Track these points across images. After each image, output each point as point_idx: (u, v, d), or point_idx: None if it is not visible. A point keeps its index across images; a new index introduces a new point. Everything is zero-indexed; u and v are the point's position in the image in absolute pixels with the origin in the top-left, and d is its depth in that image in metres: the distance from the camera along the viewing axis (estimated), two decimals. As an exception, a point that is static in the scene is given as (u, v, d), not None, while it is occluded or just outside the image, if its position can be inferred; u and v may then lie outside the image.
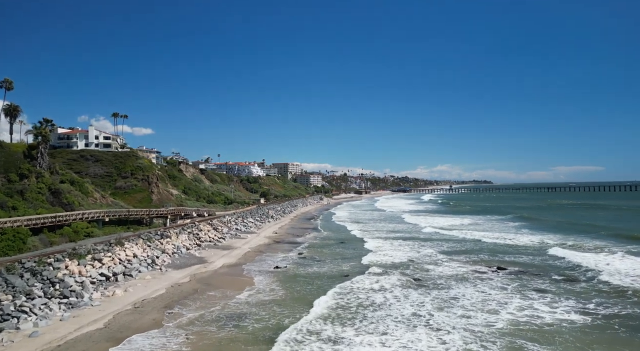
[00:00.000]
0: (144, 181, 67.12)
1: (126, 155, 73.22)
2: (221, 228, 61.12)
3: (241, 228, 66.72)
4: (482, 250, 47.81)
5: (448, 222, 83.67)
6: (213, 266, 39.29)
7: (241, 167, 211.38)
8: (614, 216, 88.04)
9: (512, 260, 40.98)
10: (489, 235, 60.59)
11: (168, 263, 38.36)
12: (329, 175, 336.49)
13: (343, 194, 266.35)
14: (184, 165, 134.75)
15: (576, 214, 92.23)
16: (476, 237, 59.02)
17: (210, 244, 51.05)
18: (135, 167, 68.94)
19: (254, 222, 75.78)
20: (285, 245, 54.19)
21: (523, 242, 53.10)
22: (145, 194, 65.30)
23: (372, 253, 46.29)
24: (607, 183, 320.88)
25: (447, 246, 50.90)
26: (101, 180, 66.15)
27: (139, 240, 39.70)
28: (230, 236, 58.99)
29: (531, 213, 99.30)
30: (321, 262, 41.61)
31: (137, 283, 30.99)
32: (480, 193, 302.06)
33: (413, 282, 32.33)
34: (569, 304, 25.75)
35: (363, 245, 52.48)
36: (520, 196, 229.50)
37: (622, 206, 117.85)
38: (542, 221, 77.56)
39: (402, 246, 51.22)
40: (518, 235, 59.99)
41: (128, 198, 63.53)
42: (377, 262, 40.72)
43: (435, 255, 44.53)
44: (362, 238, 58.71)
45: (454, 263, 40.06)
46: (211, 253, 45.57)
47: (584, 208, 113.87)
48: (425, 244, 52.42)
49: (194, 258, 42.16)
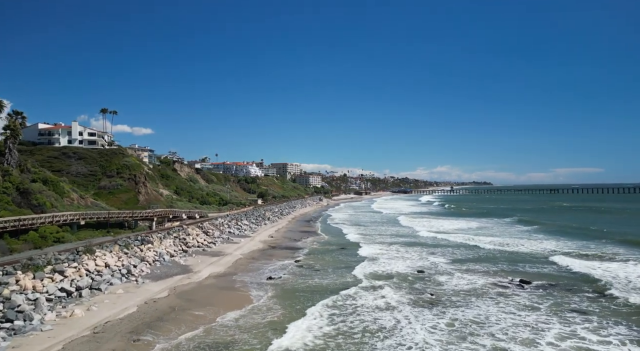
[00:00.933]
0: (130, 180, 62.58)
1: (112, 152, 68.61)
2: (212, 231, 56.63)
3: (234, 232, 62.23)
4: (497, 258, 43.44)
5: (454, 225, 79.35)
6: (198, 277, 34.81)
7: (239, 167, 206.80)
8: (621, 220, 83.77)
9: (534, 271, 36.58)
10: (500, 240, 56.22)
11: (146, 273, 33.86)
12: (329, 176, 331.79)
13: (343, 195, 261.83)
14: (179, 164, 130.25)
15: (583, 218, 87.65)
16: (486, 242, 54.69)
17: (199, 250, 46.57)
18: (122, 165, 64.38)
19: (248, 224, 71.29)
20: (281, 251, 49.74)
21: (538, 248, 48.77)
22: (132, 194, 60.79)
23: (376, 261, 41.89)
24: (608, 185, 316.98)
25: (458, 253, 46.51)
26: (84, 180, 61.64)
27: (114, 247, 35.20)
28: (222, 240, 54.51)
29: (538, 216, 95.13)
30: (321, 272, 37.18)
31: (105, 299, 26.50)
32: (481, 195, 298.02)
33: (425, 299, 27.96)
34: (620, 331, 21.31)
35: (366, 251, 48.07)
36: (522, 198, 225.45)
37: (625, 209, 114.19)
38: (551, 225, 72.84)
39: (409, 253, 46.79)
40: (531, 241, 55.71)
41: (112, 199, 59.02)
42: (383, 273, 36.34)
43: (446, 264, 40.15)
44: (365, 244, 54.31)
45: (468, 275, 35.70)
46: (198, 261, 41.08)
47: (589, 212, 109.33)
48: (433, 251, 48.01)
49: (178, 267, 37.66)
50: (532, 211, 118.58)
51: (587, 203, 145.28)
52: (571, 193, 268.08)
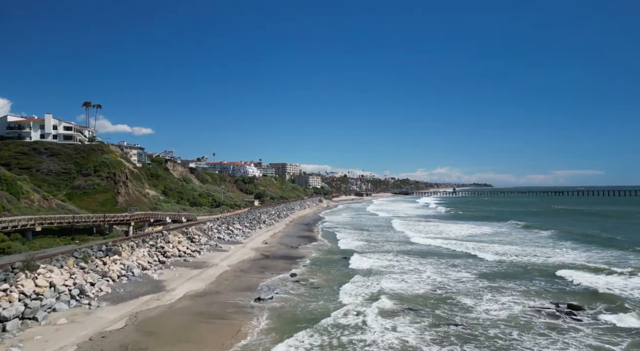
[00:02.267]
0: (109, 180, 56.23)
1: (90, 149, 62.16)
2: (198, 238, 50.24)
3: (224, 237, 55.83)
4: (528, 272, 37.10)
5: (465, 230, 72.94)
6: (171, 297, 28.45)
7: (236, 167, 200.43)
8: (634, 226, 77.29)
9: (582, 292, 30.20)
10: (520, 250, 49.86)
11: (105, 293, 27.47)
12: (329, 177, 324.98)
13: (343, 196, 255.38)
14: (172, 163, 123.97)
15: (601, 224, 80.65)
16: (507, 252, 48.40)
17: (179, 260, 40.18)
18: (100, 163, 58.00)
19: (241, 228, 64.89)
20: (275, 261, 43.36)
21: (567, 260, 42.41)
22: (110, 195, 54.47)
23: (387, 276, 35.55)
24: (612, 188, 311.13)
25: (482, 266, 40.14)
26: (55, 178, 55.27)
27: (68, 260, 28.82)
28: (209, 248, 48.13)
29: (550, 221, 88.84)
30: (321, 291, 30.84)
31: (37, 335, 20.17)
32: (484, 197, 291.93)
33: (452, 332, 21.67)
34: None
35: (374, 262, 41.71)
36: (527, 200, 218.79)
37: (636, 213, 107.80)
38: (569, 232, 64.98)
39: (424, 265, 40.42)
40: (555, 250, 49.41)
41: (87, 200, 52.70)
42: (397, 292, 30.00)
43: (469, 281, 33.81)
44: (371, 253, 47.97)
45: (499, 295, 29.42)
46: (175, 275, 34.70)
47: (604, 217, 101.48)
48: (450, 263, 41.64)
49: (148, 284, 31.26)
50: (542, 214, 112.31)
51: (597, 207, 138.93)
52: (575, 196, 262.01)
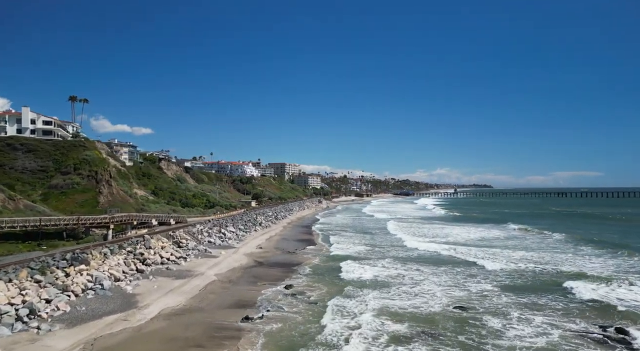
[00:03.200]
0: (90, 178, 51.72)
1: (71, 145, 57.60)
2: (186, 242, 45.73)
3: (215, 242, 51.30)
4: (555, 284, 32.63)
5: (473, 233, 68.44)
6: (142, 316, 23.96)
7: (234, 166, 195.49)
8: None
9: (626, 310, 25.71)
10: (541, 257, 45.46)
11: (62, 312, 22.97)
12: (329, 177, 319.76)
13: (343, 197, 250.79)
14: (166, 162, 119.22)
15: (613, 228, 76.09)
16: (526, 258, 44.19)
17: (161, 269, 35.68)
18: (80, 160, 53.47)
19: (235, 231, 60.36)
20: (269, 270, 38.90)
21: (607, 272, 37.88)
22: (90, 195, 50.02)
23: (396, 288, 31.14)
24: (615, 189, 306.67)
25: (502, 276, 35.68)
26: (31, 177, 50.78)
27: (21, 272, 24.34)
28: (197, 253, 43.64)
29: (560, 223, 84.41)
30: (321, 308, 26.37)
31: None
32: (485, 198, 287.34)
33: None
34: None
35: (380, 272, 37.26)
36: (530, 201, 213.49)
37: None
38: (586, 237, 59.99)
39: (437, 275, 35.93)
40: (578, 258, 45.19)
41: (65, 200, 48.24)
42: (409, 311, 25.57)
43: (493, 295, 29.40)
44: (376, 260, 43.53)
45: (532, 314, 25.06)
46: (153, 287, 30.22)
47: (613, 220, 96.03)
48: (469, 272, 37.16)
49: (119, 299, 26.75)
50: (547, 216, 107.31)
51: (602, 209, 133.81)
52: (578, 197, 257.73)
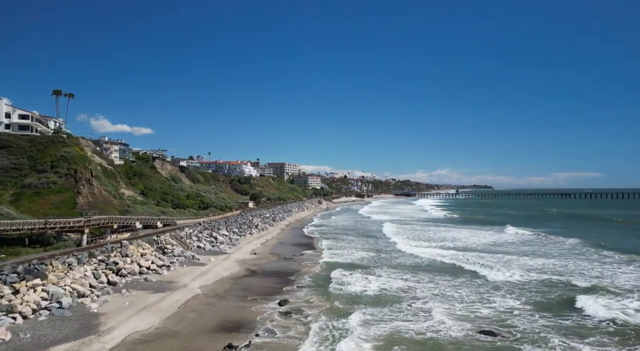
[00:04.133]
0: (68, 177, 47.31)
1: (49, 141, 53.14)
2: (171, 248, 41.24)
3: (205, 247, 46.81)
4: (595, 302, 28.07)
5: (482, 237, 63.96)
6: (99, 347, 19.49)
7: (232, 166, 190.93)
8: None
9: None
10: (565, 265, 41.06)
11: (1, 342, 18.48)
12: (329, 177, 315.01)
13: (344, 197, 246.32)
14: (160, 161, 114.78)
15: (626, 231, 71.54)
16: (548, 267, 40.00)
17: (138, 280, 31.20)
18: (58, 157, 49.07)
19: (228, 235, 55.88)
20: (262, 280, 34.44)
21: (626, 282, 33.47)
22: (68, 196, 45.64)
23: (406, 305, 26.71)
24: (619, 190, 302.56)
25: (531, 289, 31.18)
26: (3, 175, 46.29)
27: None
28: (183, 261, 39.19)
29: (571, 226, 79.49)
30: (320, 331, 21.88)
31: None
32: (487, 199, 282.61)
33: None
34: None
35: (387, 283, 32.81)
36: (533, 203, 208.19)
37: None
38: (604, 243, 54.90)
39: (453, 287, 31.45)
40: (606, 267, 40.72)
41: (39, 201, 43.84)
42: (425, 336, 21.08)
43: (527, 315, 24.93)
44: (381, 268, 39.06)
45: (579, 343, 20.52)
46: (124, 303, 25.71)
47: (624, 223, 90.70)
48: (490, 285, 32.68)
49: (78, 320, 22.25)
50: (558, 219, 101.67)
51: (609, 211, 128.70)
52: (582, 199, 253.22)
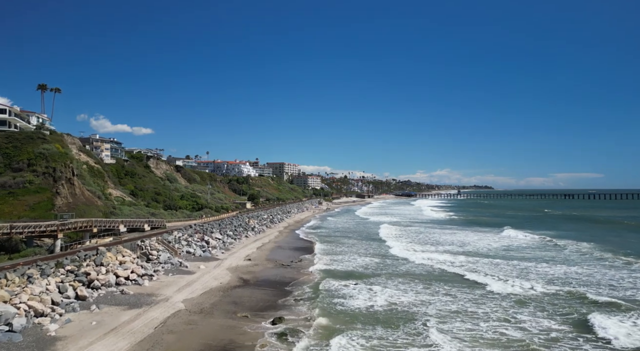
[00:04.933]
0: (46, 176, 43.55)
1: (27, 137, 49.23)
2: (157, 253, 37.42)
3: (195, 252, 42.99)
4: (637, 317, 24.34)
5: (493, 241, 60.13)
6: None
7: (230, 166, 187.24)
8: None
9: None
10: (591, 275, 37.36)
11: None
12: (329, 178, 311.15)
13: (344, 198, 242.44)
14: (155, 160, 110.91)
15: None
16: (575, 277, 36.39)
17: (114, 292, 27.39)
18: (36, 154, 45.28)
19: (221, 238, 52.06)
20: (255, 292, 30.63)
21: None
22: (46, 196, 41.89)
23: (421, 326, 22.92)
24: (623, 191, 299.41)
25: (557, 304, 27.31)
26: (-26, 174, 42.72)
27: None
28: (169, 269, 35.40)
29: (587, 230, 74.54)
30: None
31: None
32: (490, 199, 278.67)
33: None
34: None
35: (394, 296, 29.01)
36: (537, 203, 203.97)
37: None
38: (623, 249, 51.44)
39: (474, 302, 27.64)
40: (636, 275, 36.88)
41: (12, 202, 40.06)
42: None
43: (567, 338, 21.14)
44: (387, 278, 35.27)
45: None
46: (91, 323, 21.91)
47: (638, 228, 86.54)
48: (513, 298, 28.91)
49: (26, 348, 18.43)
50: (567, 221, 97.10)
51: (617, 213, 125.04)
52: (586, 199, 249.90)
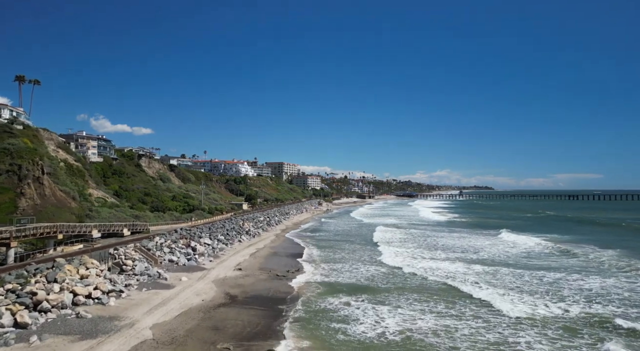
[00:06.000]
0: (11, 174, 38.71)
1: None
2: (132, 264, 32.51)
3: (179, 261, 38.09)
4: None
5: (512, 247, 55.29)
6: None
7: (228, 165, 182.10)
8: None
9: None
10: (631, 289, 32.43)
11: None
12: (329, 178, 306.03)
13: (344, 198, 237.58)
14: (147, 159, 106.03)
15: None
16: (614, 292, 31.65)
17: (67, 316, 22.46)
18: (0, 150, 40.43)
19: (210, 244, 47.15)
20: (241, 312, 25.69)
21: None
22: (8, 197, 37.04)
23: None
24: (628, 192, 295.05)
25: (612, 330, 22.44)
26: None
27: None
28: (144, 281, 30.48)
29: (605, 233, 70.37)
30: None
31: None
32: (492, 200, 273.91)
33: None
34: None
35: (407, 321, 24.13)
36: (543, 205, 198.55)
37: None
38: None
39: (512, 329, 22.72)
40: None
41: (-31, 204, 35.35)
42: None
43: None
44: (397, 293, 30.43)
45: None
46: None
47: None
48: (557, 323, 24.00)
49: None
50: (583, 224, 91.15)
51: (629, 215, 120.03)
52: (592, 200, 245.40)
